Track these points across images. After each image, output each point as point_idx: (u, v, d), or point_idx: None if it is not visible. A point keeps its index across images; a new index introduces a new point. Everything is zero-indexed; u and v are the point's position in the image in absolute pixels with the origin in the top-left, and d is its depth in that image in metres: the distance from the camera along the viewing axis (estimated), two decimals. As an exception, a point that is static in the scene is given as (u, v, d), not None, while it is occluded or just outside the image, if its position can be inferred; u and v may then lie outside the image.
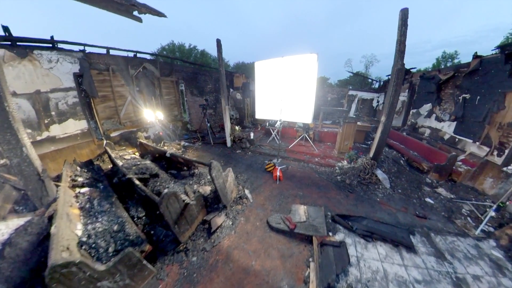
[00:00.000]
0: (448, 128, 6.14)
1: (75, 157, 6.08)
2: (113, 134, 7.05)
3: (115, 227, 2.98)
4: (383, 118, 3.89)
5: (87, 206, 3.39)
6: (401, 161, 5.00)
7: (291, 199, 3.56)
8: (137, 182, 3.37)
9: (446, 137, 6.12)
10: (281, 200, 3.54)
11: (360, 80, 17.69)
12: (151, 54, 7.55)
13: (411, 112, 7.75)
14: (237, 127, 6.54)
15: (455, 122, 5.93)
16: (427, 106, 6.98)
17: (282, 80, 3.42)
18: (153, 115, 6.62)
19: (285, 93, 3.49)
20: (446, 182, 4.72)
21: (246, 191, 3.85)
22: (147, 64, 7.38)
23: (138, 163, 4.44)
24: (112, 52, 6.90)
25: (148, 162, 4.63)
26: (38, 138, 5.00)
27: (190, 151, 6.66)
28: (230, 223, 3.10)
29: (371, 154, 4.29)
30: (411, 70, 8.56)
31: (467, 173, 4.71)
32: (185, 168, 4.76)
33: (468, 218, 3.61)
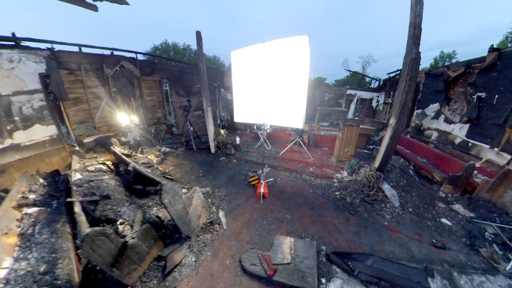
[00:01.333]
0: (459, 131, 5.36)
1: (43, 167, 5.35)
2: (86, 140, 6.27)
3: (42, 268, 2.23)
4: (392, 121, 3.12)
5: (29, 232, 2.68)
6: (410, 171, 4.21)
7: (276, 226, 2.77)
8: (76, 209, 2.59)
9: (457, 141, 5.35)
10: (262, 227, 2.75)
11: (358, 80, 16.92)
12: (130, 52, 6.75)
13: (415, 113, 6.97)
14: (222, 131, 5.76)
15: (467, 125, 5.15)
16: (434, 106, 6.20)
17: (265, 73, 2.63)
18: (127, 119, 5.82)
19: (269, 90, 2.70)
20: (461, 196, 3.95)
21: (221, 214, 3.07)
22: (125, 63, 6.59)
23: (93, 178, 3.65)
24: (85, 50, 6.11)
25: (106, 177, 3.85)
26: (0, 146, 4.29)
27: (170, 159, 5.87)
28: (193, 259, 2.34)
29: (376, 163, 3.51)
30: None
31: (485, 185, 3.93)
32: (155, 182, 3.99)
33: (495, 245, 2.85)
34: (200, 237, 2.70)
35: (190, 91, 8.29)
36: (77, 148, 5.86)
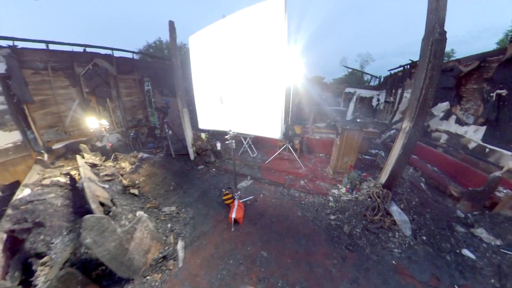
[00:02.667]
0: (473, 134, 4.58)
1: (7, 177, 4.71)
2: (56, 146, 5.54)
3: None
4: (406, 124, 2.37)
5: None
6: (422, 184, 3.45)
7: (245, 267, 2.03)
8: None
9: (471, 145, 4.57)
10: (227, 269, 2.01)
11: (357, 79, 16.07)
12: (105, 48, 5.99)
13: (420, 113, 6.17)
14: (203, 135, 5.03)
15: (484, 127, 4.37)
16: (443, 106, 5.40)
17: (229, 61, 1.85)
18: (96, 123, 5.09)
19: (235, 85, 1.95)
20: (481, 214, 3.20)
21: (179, 245, 2.35)
22: (99, 60, 5.83)
23: (35, 198, 2.92)
24: (53, 47, 5.37)
25: (52, 195, 3.12)
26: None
27: (145, 167, 5.13)
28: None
29: (383, 178, 2.75)
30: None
31: (509, 200, 3.18)
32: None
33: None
34: (148, 277, 2.01)
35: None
36: (40, 156, 5.15)
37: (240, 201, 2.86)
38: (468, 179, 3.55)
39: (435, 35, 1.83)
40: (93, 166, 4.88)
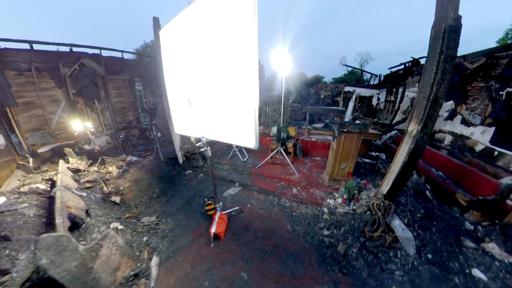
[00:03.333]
0: (481, 135, 4.23)
1: None
2: (42, 150, 5.29)
3: None
4: (413, 127, 2.05)
5: None
6: (427, 192, 3.11)
7: (223, 296, 1.73)
8: None
9: (478, 148, 4.22)
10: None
11: (356, 78, 15.63)
12: (93, 48, 5.71)
13: (423, 113, 5.81)
14: (192, 137, 4.73)
15: (492, 128, 4.02)
16: (448, 105, 5.05)
17: (196, 56, 1.55)
18: (80, 126, 4.82)
19: (203, 84, 1.64)
20: (492, 226, 2.87)
21: (154, 262, 2.08)
22: (87, 60, 5.56)
23: (6, 209, 2.66)
24: (38, 47, 5.11)
25: (25, 205, 2.86)
26: None
27: (132, 171, 4.85)
28: None
29: (385, 187, 2.42)
30: (424, 58, 6.60)
31: (522, 209, 2.84)
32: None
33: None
34: (116, 299, 1.71)
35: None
36: (25, 161, 4.89)
37: (224, 212, 2.56)
38: (476, 185, 3.21)
39: (448, 20, 1.50)
40: (76, 171, 4.62)
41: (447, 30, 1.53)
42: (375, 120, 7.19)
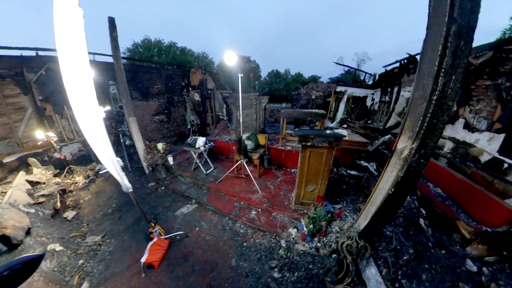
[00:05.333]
0: (487, 143, 3.50)
1: None
2: (7, 159, 4.81)
3: None
4: (403, 144, 1.38)
5: None
6: (421, 220, 2.44)
7: None
8: None
9: (485, 158, 3.50)
10: None
11: (353, 78, 14.78)
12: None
13: (420, 115, 5.07)
14: (160, 145, 4.16)
15: (502, 135, 3.30)
16: (448, 107, 4.30)
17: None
18: (42, 135, 4.33)
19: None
20: (500, 262, 2.21)
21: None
22: (53, 65, 5.06)
23: None
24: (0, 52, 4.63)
25: None
26: None
27: (98, 182, 4.37)
28: None
29: (361, 222, 1.78)
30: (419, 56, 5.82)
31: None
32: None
33: None
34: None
35: (147, 93, 6.69)
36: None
37: (165, 237, 2.09)
38: (483, 208, 2.53)
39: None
40: (35, 184, 4.15)
41: (457, 5, 0.88)
42: (365, 123, 6.46)
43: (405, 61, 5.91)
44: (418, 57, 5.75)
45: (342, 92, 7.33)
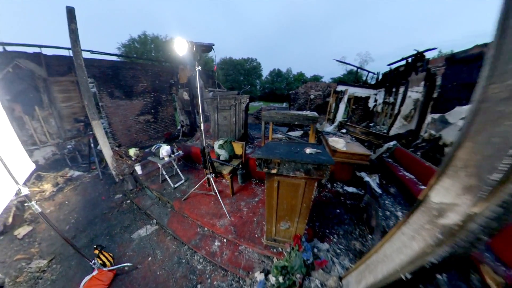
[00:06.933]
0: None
1: None
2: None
3: None
4: (445, 199, 0.73)
5: None
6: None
7: None
8: None
9: None
10: None
11: (356, 78, 14.01)
12: (31, 46, 4.73)
13: (430, 118, 4.43)
14: (132, 150, 3.66)
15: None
16: (464, 110, 3.67)
17: None
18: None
19: None
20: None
21: None
22: (22, 61, 4.57)
23: None
24: None
25: None
26: None
27: (66, 190, 3.92)
28: None
29: (352, 283, 1.22)
30: (430, 51, 5.13)
31: None
32: None
33: None
34: None
35: (130, 92, 6.20)
36: None
37: (111, 268, 1.66)
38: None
39: None
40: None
41: None
42: (366, 126, 5.80)
43: (413, 58, 5.23)
44: (429, 51, 5.08)
45: (343, 92, 6.68)
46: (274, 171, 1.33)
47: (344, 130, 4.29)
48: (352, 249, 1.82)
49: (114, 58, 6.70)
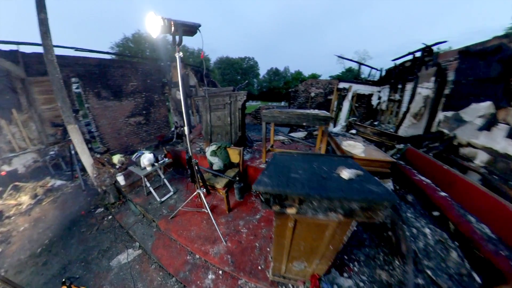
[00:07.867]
0: (545, 157, 2.54)
1: None
2: None
3: None
4: None
5: None
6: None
7: None
8: None
9: (541, 177, 2.54)
10: None
11: (354, 76, 13.73)
12: (7, 43, 4.28)
13: (442, 116, 4.11)
14: (116, 157, 3.28)
15: None
16: (482, 107, 3.34)
17: None
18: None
19: None
20: None
21: None
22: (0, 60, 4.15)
23: None
24: None
25: None
26: None
27: (45, 203, 3.53)
28: None
29: None
30: (439, 44, 4.81)
31: None
32: None
33: None
34: None
35: (119, 92, 5.77)
36: None
37: None
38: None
39: None
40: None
41: None
42: (377, 127, 5.46)
43: (421, 52, 4.90)
44: (439, 45, 4.75)
45: (346, 89, 6.33)
46: (292, 210, 0.92)
47: (354, 131, 3.94)
48: (378, 281, 1.47)
49: (102, 56, 6.25)
